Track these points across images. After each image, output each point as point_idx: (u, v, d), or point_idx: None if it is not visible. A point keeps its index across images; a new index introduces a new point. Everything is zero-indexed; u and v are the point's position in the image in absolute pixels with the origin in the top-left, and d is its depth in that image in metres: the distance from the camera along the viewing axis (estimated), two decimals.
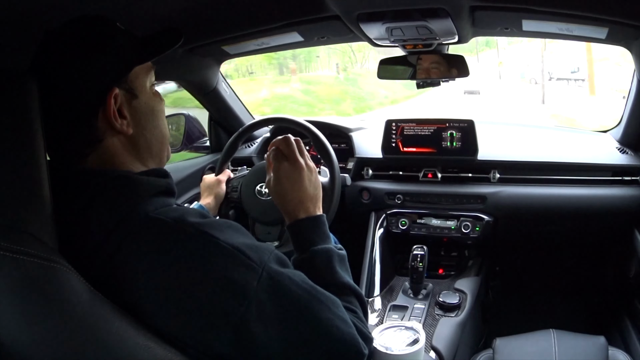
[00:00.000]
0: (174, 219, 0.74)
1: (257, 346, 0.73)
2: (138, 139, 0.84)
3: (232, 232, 0.78)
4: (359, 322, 0.86)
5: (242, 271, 0.73)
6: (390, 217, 1.95)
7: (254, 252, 0.76)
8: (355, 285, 0.94)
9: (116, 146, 0.82)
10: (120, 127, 0.80)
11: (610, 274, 2.08)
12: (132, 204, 0.75)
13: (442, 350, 1.44)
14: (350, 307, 0.88)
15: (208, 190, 1.63)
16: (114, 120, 0.79)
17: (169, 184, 0.84)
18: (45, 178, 0.68)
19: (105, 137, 0.80)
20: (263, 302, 0.73)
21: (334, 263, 0.93)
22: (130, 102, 0.83)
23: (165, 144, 0.91)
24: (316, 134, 1.56)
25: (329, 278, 0.90)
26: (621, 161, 1.80)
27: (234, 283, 0.72)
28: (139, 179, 0.79)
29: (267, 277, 0.75)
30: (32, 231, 0.64)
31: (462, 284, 1.78)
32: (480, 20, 1.42)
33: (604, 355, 1.32)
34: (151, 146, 0.87)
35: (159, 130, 0.89)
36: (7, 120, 0.66)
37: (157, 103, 0.89)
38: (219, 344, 0.72)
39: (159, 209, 0.76)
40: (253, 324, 0.72)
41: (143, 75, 0.86)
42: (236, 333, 0.71)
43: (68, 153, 0.79)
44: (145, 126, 0.86)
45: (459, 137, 1.87)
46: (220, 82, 2.08)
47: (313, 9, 1.35)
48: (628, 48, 1.50)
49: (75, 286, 0.63)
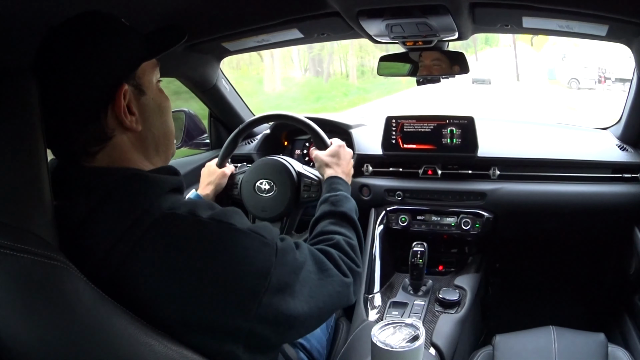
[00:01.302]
0: (188, 212, 0.77)
1: (281, 314, 0.80)
2: (146, 135, 0.85)
3: (239, 217, 0.82)
4: (350, 261, 1.03)
5: (261, 250, 0.80)
6: (390, 213, 1.95)
7: (265, 232, 0.83)
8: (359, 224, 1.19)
9: (125, 143, 0.82)
10: (129, 124, 0.81)
11: (610, 271, 2.09)
12: (149, 202, 0.76)
13: (442, 347, 1.44)
14: (350, 241, 1.09)
15: (209, 180, 1.61)
16: (124, 117, 0.79)
17: (180, 182, 0.85)
18: (46, 176, 0.68)
19: (114, 135, 0.80)
20: (281, 274, 0.81)
21: (351, 203, 1.23)
22: (139, 98, 0.83)
23: (171, 141, 0.93)
24: (316, 130, 1.56)
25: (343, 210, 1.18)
26: (621, 158, 1.80)
27: (257, 261, 0.78)
28: (154, 177, 0.80)
29: (281, 251, 0.83)
30: (33, 229, 0.64)
31: (462, 280, 1.78)
32: (480, 17, 1.42)
33: (603, 352, 1.32)
34: (158, 143, 0.88)
35: (166, 127, 0.90)
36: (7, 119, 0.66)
37: (163, 99, 0.90)
38: (246, 322, 0.75)
39: (172, 205, 0.77)
40: (275, 295, 0.79)
41: (150, 71, 0.86)
42: (262, 307, 0.77)
43: (76, 151, 0.79)
44: (153, 123, 0.86)
45: (459, 133, 1.87)
46: (220, 78, 2.08)
47: (313, 5, 1.35)
48: (628, 45, 1.50)
49: (76, 284, 0.64)
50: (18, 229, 0.63)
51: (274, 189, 1.54)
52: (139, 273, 0.71)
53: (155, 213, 0.75)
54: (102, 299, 0.66)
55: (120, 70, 0.80)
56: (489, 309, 1.98)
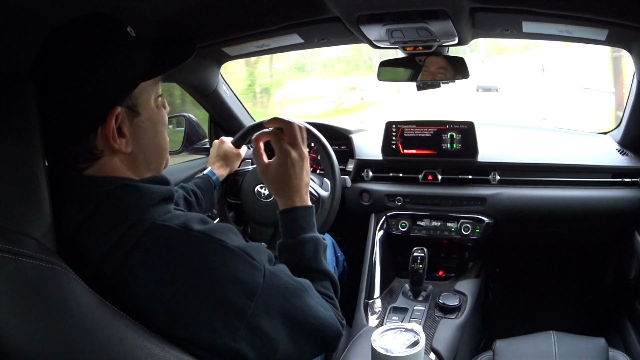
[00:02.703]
0: (180, 225, 0.75)
1: (267, 337, 0.78)
2: (137, 155, 0.83)
3: (232, 235, 0.81)
4: (333, 308, 0.95)
5: (249, 270, 0.78)
6: (391, 219, 1.95)
7: (255, 253, 0.80)
8: (332, 272, 1.02)
9: (114, 163, 0.80)
10: (118, 147, 0.78)
11: (611, 276, 2.08)
12: (139, 212, 0.75)
13: (442, 352, 1.44)
14: (328, 293, 0.97)
15: (224, 160, 1.60)
16: (112, 141, 0.77)
17: (170, 191, 0.83)
18: (44, 180, 0.68)
19: (103, 155, 0.78)
20: (268, 297, 0.79)
21: (320, 251, 1.00)
22: (132, 120, 0.80)
23: (164, 157, 0.90)
24: (317, 136, 1.56)
25: (314, 265, 0.98)
26: (621, 163, 1.80)
27: (244, 281, 0.76)
28: (144, 187, 0.78)
29: (270, 274, 0.81)
30: (30, 233, 0.64)
31: (462, 285, 1.78)
32: (480, 22, 1.42)
33: (604, 356, 1.32)
34: (150, 162, 0.86)
35: (158, 146, 0.87)
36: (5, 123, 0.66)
37: (159, 117, 0.86)
38: (234, 342, 0.74)
39: (163, 216, 0.77)
40: (262, 318, 0.77)
41: (149, 89, 0.83)
42: (249, 328, 0.76)
43: (67, 162, 0.78)
44: (145, 144, 0.84)
45: (459, 138, 1.87)
46: (221, 83, 2.08)
47: (313, 10, 1.35)
48: (628, 50, 1.50)
49: (73, 288, 0.63)
50: (16, 232, 0.62)
51: (272, 195, 1.54)
52: (131, 283, 0.71)
53: (146, 223, 0.74)
54: (100, 303, 0.65)
55: (115, 92, 0.76)
56: (489, 314, 1.98)
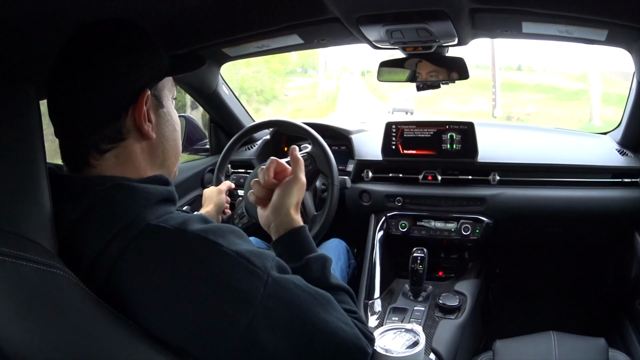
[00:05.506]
0: (175, 227, 0.72)
1: (267, 354, 0.72)
2: (157, 146, 0.85)
3: (234, 237, 0.75)
4: (359, 322, 0.85)
5: (246, 278, 0.71)
6: (390, 219, 1.95)
7: (257, 259, 0.74)
8: (346, 285, 0.94)
9: (135, 148, 0.82)
10: (146, 129, 0.81)
11: (611, 276, 2.08)
12: (133, 213, 0.73)
13: (442, 353, 1.44)
14: (349, 307, 0.87)
15: (209, 200, 1.65)
16: (143, 121, 0.80)
17: (170, 192, 0.81)
18: (45, 184, 0.68)
19: (128, 137, 0.80)
20: (271, 309, 0.72)
21: (328, 267, 0.93)
22: (157, 109, 0.84)
23: (177, 159, 0.92)
24: (316, 137, 1.56)
25: (325, 283, 0.89)
26: (621, 163, 1.80)
27: (239, 290, 0.70)
28: (139, 187, 0.76)
29: (273, 284, 0.73)
30: (31, 236, 0.64)
31: (462, 286, 1.78)
32: (479, 23, 1.42)
33: (604, 357, 1.32)
34: (167, 157, 0.88)
35: (176, 144, 0.91)
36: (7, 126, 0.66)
37: (176, 117, 0.90)
38: (228, 354, 0.70)
39: (160, 217, 0.74)
40: (261, 331, 0.71)
41: (169, 87, 0.88)
42: (244, 341, 0.70)
43: (89, 145, 0.78)
44: (166, 136, 0.87)
45: (459, 139, 1.88)
46: (221, 84, 2.08)
47: (313, 11, 1.35)
48: (628, 50, 1.50)
49: (74, 291, 0.63)
50: (17, 236, 0.62)
51: None
52: (124, 285, 0.70)
53: (140, 224, 0.72)
54: (100, 306, 0.65)
55: (148, 76, 0.81)
56: (489, 314, 1.98)
